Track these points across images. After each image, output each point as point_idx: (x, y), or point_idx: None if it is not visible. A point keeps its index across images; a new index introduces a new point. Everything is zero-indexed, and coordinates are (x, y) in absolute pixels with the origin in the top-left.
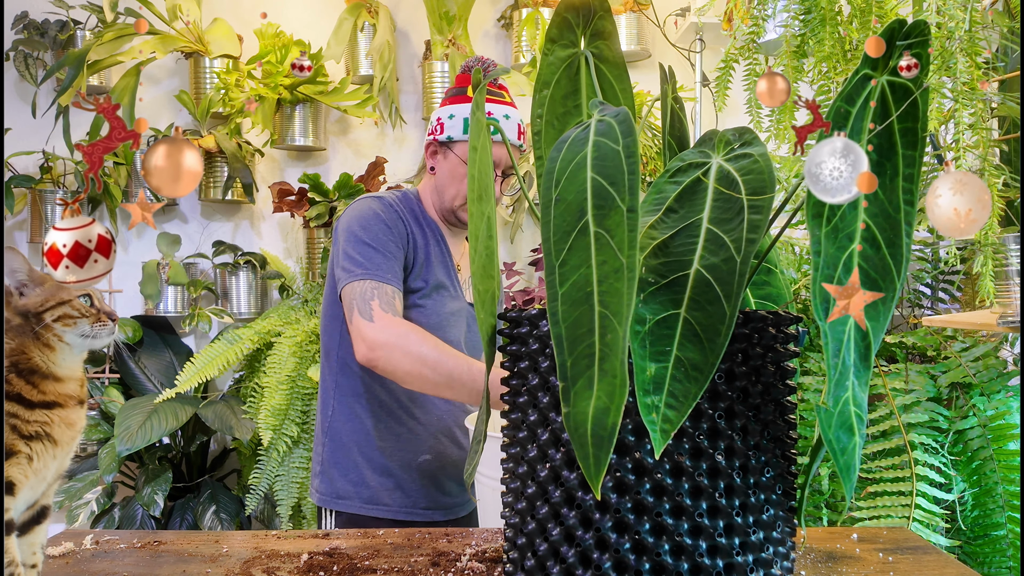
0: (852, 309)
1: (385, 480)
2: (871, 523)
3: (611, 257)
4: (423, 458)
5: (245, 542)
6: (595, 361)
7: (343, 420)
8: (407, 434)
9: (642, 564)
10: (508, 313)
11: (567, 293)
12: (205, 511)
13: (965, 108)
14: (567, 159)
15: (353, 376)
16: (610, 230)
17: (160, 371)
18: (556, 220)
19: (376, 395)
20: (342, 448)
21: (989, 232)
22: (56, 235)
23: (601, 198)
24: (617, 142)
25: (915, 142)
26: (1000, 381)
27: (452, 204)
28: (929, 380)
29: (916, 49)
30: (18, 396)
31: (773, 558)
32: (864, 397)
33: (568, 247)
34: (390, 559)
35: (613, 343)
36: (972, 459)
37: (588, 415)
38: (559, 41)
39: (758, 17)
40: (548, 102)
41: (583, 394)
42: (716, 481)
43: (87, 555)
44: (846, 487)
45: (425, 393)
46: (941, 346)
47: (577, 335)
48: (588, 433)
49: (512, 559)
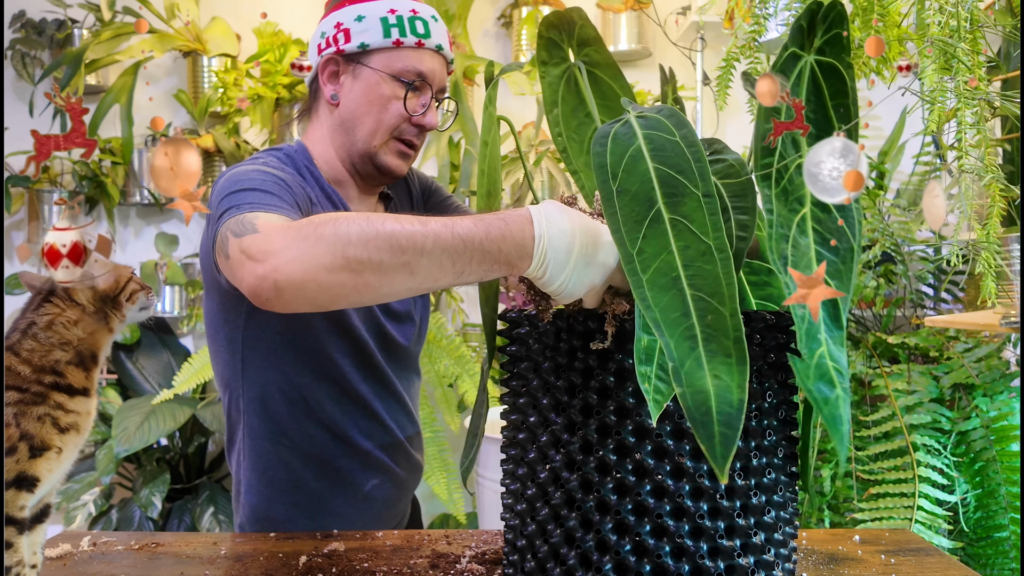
0: (811, 300)
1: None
2: (873, 525)
3: (694, 241)
4: (371, 483)
5: (243, 544)
6: (699, 343)
7: (260, 471)
8: (348, 464)
9: (643, 566)
10: (508, 313)
11: (651, 279)
12: (203, 513)
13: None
14: (617, 154)
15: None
16: (687, 216)
17: (158, 372)
18: (623, 212)
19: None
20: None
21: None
22: (55, 235)
23: (669, 186)
24: (672, 134)
25: (848, 117)
26: (1003, 382)
27: (370, 143)
28: (931, 381)
29: (835, 29)
30: (67, 387)
31: (775, 560)
32: (841, 355)
33: (643, 236)
34: (389, 561)
35: (717, 323)
36: (975, 460)
37: (710, 394)
38: (550, 61)
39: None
40: (562, 119)
41: (696, 374)
42: (717, 482)
43: (84, 557)
44: (835, 439)
45: (372, 299)
46: (944, 347)
47: (671, 319)
48: (714, 412)
49: (512, 561)
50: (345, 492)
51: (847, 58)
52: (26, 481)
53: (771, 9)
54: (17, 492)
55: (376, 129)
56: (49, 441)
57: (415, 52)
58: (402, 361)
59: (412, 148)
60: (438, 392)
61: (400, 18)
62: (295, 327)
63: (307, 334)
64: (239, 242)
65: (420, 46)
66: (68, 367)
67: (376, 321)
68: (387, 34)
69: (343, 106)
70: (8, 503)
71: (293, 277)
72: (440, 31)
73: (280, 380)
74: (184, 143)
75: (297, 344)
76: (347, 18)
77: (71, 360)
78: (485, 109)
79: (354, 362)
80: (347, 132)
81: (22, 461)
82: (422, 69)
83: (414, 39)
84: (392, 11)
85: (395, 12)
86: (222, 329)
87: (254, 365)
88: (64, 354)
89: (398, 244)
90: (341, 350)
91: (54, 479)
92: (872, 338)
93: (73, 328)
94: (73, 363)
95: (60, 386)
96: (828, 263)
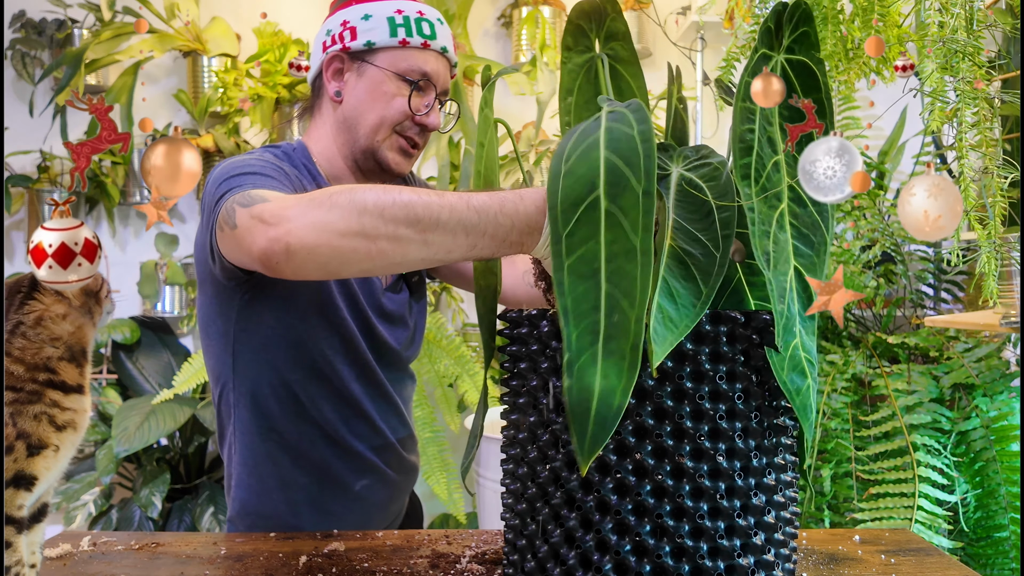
0: (834, 304)
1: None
2: (873, 525)
3: (621, 237)
4: (361, 483)
5: (243, 544)
6: (599, 339)
7: (251, 468)
8: (339, 464)
9: (643, 566)
10: (508, 313)
11: (572, 266)
12: (203, 512)
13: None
14: (578, 141)
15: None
16: (623, 209)
17: (158, 372)
18: (564, 192)
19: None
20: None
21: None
22: (44, 234)
23: (615, 175)
24: (631, 127)
25: (823, 112)
26: (1003, 382)
27: (372, 139)
28: (931, 381)
29: (802, 27)
30: (61, 384)
31: (775, 560)
32: (812, 345)
33: (576, 219)
34: (389, 561)
35: (621, 324)
36: (975, 460)
37: (594, 392)
38: (575, 48)
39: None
40: (574, 109)
41: (588, 370)
42: (717, 482)
43: (84, 557)
44: (805, 427)
45: (384, 267)
46: (944, 347)
47: (582, 310)
48: (592, 410)
49: (512, 561)
50: (335, 491)
51: (816, 54)
52: (24, 480)
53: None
54: (16, 491)
55: (379, 124)
56: (46, 439)
57: (420, 52)
58: (393, 364)
59: (414, 147)
60: (438, 392)
61: (407, 18)
62: (287, 321)
63: (299, 329)
64: (249, 210)
65: (426, 47)
66: (60, 363)
67: (367, 320)
68: (394, 33)
69: (347, 103)
70: (7, 502)
71: (306, 240)
72: (445, 34)
73: (271, 376)
74: (183, 143)
75: (289, 339)
76: (354, 16)
77: (63, 356)
78: (481, 111)
79: (345, 360)
80: (350, 129)
81: (20, 460)
82: (427, 69)
83: (420, 40)
84: (399, 11)
85: (402, 12)
86: (214, 322)
87: (245, 359)
88: (55, 350)
89: (414, 213)
90: (333, 347)
91: (52, 477)
92: (872, 338)
93: (62, 323)
94: (65, 359)
95: (54, 383)
96: (804, 257)
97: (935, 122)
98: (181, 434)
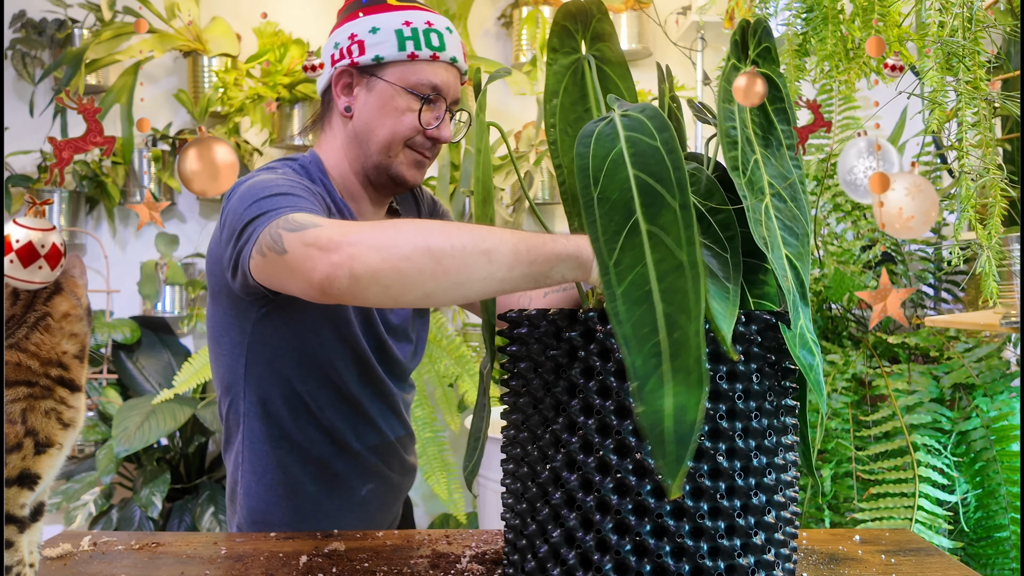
0: (890, 308)
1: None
2: (873, 525)
3: (668, 255)
4: (367, 488)
5: (243, 544)
6: (663, 360)
7: (257, 478)
8: (345, 468)
9: (643, 566)
10: (508, 314)
11: (625, 293)
12: (204, 512)
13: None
14: (599, 155)
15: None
16: (664, 228)
17: (158, 372)
18: (603, 220)
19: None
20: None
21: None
22: (14, 229)
23: (649, 196)
24: (654, 138)
25: (787, 119)
26: (1003, 382)
27: (385, 156)
28: (932, 381)
29: (764, 43)
30: (70, 381)
31: (775, 560)
32: (811, 329)
33: (620, 247)
34: (389, 561)
35: (682, 340)
36: (975, 460)
37: (666, 412)
38: (561, 49)
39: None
40: (560, 110)
41: (656, 392)
42: (718, 482)
43: (84, 557)
44: (820, 402)
45: (446, 287)
46: (944, 347)
47: (641, 334)
48: (669, 431)
49: (512, 561)
50: (341, 495)
51: (776, 68)
52: (28, 478)
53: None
54: (19, 490)
55: (390, 140)
56: (53, 437)
57: (430, 65)
58: (398, 373)
59: (426, 158)
60: (438, 392)
61: (415, 31)
62: (302, 334)
63: (312, 342)
64: (299, 236)
65: (435, 59)
66: (73, 361)
67: (377, 335)
68: (402, 47)
69: (357, 118)
70: (9, 501)
71: (371, 263)
72: (454, 43)
73: (282, 385)
74: (213, 140)
75: (302, 351)
76: (361, 30)
77: (77, 354)
78: (476, 116)
79: (356, 370)
80: (361, 144)
81: (28, 458)
82: (437, 82)
83: (429, 52)
84: (407, 23)
85: (410, 24)
86: (228, 333)
87: (257, 370)
88: (72, 346)
89: (479, 234)
90: (344, 359)
91: (52, 476)
92: (872, 338)
93: (80, 322)
94: (78, 357)
95: (64, 380)
96: (791, 246)
97: (934, 122)
98: (181, 434)
